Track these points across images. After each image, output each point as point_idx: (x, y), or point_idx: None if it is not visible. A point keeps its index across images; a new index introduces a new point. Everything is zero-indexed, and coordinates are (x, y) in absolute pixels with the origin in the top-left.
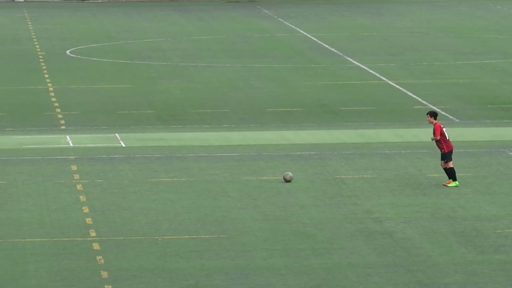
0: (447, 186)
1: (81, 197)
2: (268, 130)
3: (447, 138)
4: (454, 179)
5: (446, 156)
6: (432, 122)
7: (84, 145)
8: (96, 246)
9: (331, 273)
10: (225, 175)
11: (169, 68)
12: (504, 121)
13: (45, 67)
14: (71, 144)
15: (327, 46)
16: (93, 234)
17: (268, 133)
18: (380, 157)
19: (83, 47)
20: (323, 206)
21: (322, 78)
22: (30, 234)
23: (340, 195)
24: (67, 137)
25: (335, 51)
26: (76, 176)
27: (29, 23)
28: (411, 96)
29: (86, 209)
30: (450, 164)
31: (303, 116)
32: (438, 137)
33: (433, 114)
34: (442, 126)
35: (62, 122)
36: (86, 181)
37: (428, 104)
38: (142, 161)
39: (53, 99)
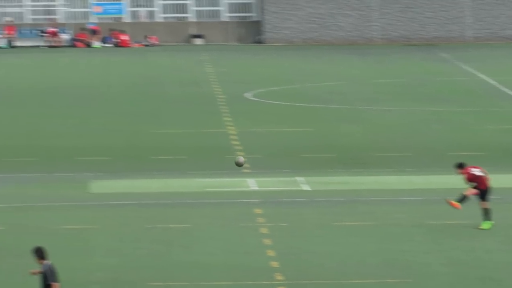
0: None
1: (265, 240)
2: (451, 175)
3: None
4: None
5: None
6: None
7: (266, 188)
8: None
9: None
10: (409, 219)
11: (349, 111)
12: None
13: (224, 109)
14: (253, 187)
15: (506, 90)
16: (279, 277)
17: (451, 178)
18: None
19: (262, 90)
20: (509, 251)
21: (504, 122)
22: (216, 277)
23: None
24: (249, 180)
25: None
26: (260, 220)
27: (207, 65)
28: None
29: (271, 253)
30: None
31: (485, 160)
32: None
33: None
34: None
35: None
36: (270, 224)
37: None
38: (325, 205)
39: (234, 142)
